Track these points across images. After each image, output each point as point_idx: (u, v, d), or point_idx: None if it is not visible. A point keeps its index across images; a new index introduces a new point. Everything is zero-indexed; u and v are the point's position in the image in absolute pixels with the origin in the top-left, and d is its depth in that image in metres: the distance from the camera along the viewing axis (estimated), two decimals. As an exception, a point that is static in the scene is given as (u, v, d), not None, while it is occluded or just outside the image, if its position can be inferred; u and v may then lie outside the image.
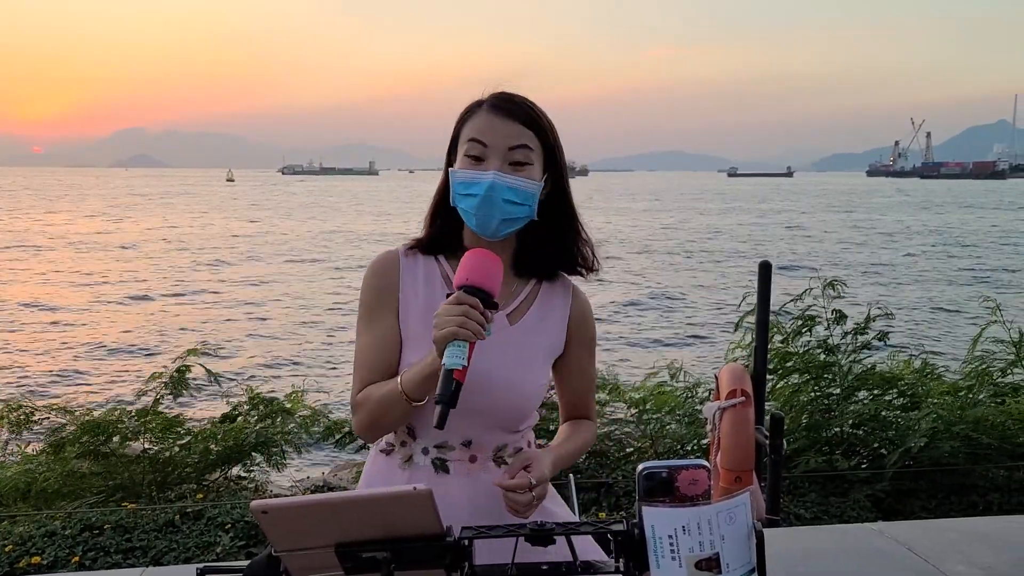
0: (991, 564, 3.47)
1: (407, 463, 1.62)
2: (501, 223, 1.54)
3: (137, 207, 65.52)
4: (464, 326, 1.36)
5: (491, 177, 1.51)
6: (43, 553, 3.77)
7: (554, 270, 1.69)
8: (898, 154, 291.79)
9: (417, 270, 1.64)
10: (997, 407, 4.92)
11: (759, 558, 1.03)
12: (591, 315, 1.73)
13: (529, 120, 1.56)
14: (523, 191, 1.54)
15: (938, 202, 78.67)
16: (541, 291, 1.68)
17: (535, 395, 1.63)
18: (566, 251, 1.67)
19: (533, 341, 1.64)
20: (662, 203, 73.86)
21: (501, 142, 1.53)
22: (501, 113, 1.55)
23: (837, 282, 5.12)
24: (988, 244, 35.93)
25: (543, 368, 1.66)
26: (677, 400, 5.01)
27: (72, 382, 12.43)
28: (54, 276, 24.62)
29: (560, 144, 1.62)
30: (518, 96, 1.59)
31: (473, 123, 1.57)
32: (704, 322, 17.63)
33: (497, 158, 1.53)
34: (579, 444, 1.71)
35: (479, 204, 1.52)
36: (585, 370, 1.73)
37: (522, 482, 1.45)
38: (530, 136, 1.56)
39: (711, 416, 2.28)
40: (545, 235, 1.64)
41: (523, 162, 1.54)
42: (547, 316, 1.67)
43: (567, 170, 1.65)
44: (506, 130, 1.54)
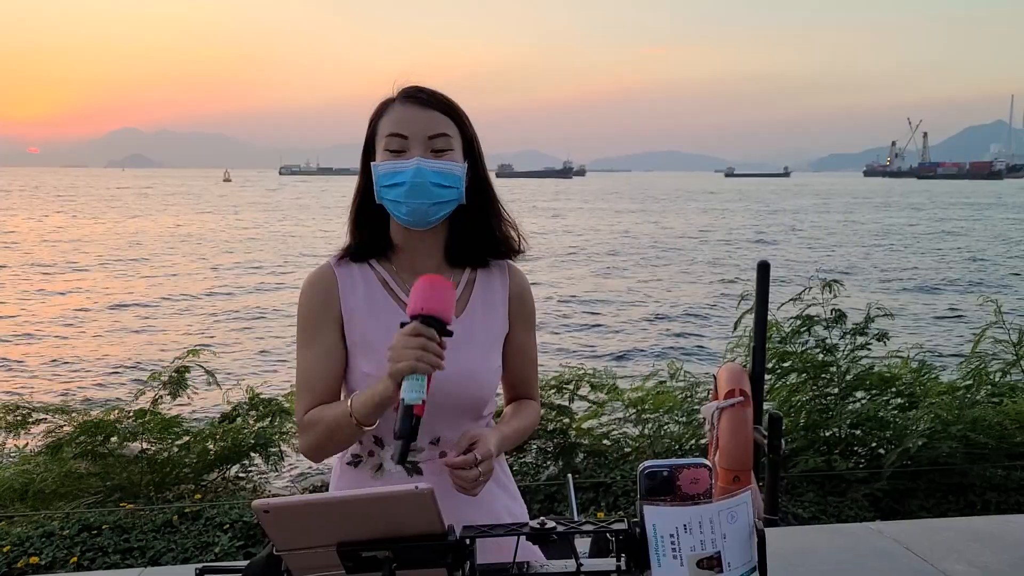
0: (989, 563, 3.48)
1: (378, 472, 1.62)
2: (431, 207, 1.54)
3: (140, 207, 65.40)
4: (422, 359, 1.35)
5: (415, 163, 1.52)
6: (41, 553, 3.76)
7: (485, 257, 1.69)
8: (895, 154, 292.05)
9: (354, 278, 1.63)
10: (995, 407, 4.93)
11: (760, 557, 1.03)
12: (529, 291, 1.73)
13: (445, 108, 1.57)
14: (449, 174, 1.54)
15: (940, 202, 78.73)
16: (478, 278, 1.68)
17: (491, 381, 1.65)
18: (493, 236, 1.67)
19: (482, 328, 1.65)
20: (661, 203, 74.02)
21: (421, 131, 1.54)
22: (417, 104, 1.56)
23: (835, 283, 5.13)
24: (987, 244, 35.96)
25: (493, 353, 1.67)
26: (676, 400, 5.02)
27: (71, 382, 12.40)
28: (54, 275, 24.58)
29: (475, 133, 1.63)
30: (429, 88, 1.60)
31: (389, 118, 1.57)
32: (703, 322, 17.63)
33: (418, 148, 1.53)
34: (523, 423, 1.71)
35: (407, 191, 1.52)
36: (526, 348, 1.73)
37: (468, 459, 1.47)
38: (448, 123, 1.57)
39: (710, 416, 2.28)
40: (471, 223, 1.65)
41: (444, 149, 1.55)
42: (489, 300, 1.68)
43: (483, 158, 1.65)
44: (424, 119, 1.55)
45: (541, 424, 4.80)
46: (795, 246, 34.49)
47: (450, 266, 1.67)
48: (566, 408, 4.96)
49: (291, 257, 29.73)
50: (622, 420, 5.12)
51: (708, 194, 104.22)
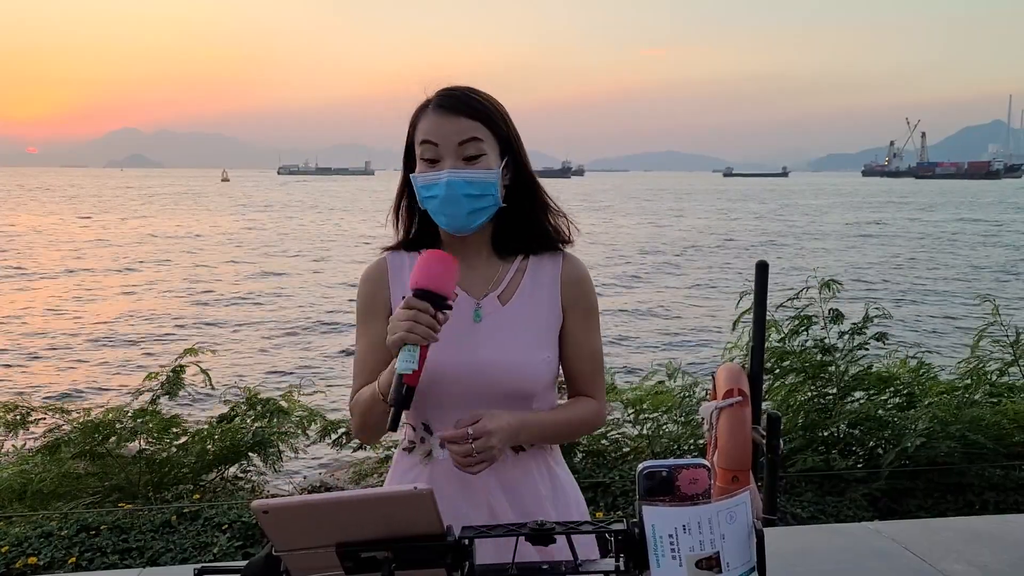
0: (987, 563, 3.48)
1: (427, 458, 1.65)
2: (468, 216, 1.56)
3: (142, 207, 65.36)
4: (412, 330, 1.40)
5: (446, 176, 1.54)
6: (39, 554, 3.76)
7: (536, 246, 1.69)
8: (893, 154, 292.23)
9: (404, 270, 1.66)
10: (993, 407, 4.94)
11: (759, 557, 1.03)
12: (587, 280, 1.70)
13: (474, 112, 1.58)
14: (481, 183, 1.55)
15: (940, 202, 78.75)
16: (529, 265, 1.69)
17: (541, 372, 1.61)
18: (540, 227, 1.68)
19: (529, 317, 1.64)
20: (660, 204, 74.05)
21: (450, 139, 1.55)
22: (446, 111, 1.57)
23: (834, 282, 5.14)
24: (984, 244, 35.98)
25: (544, 342, 1.64)
26: (674, 400, 5.02)
27: (70, 382, 12.39)
28: (53, 276, 24.56)
29: (513, 127, 1.63)
30: (461, 89, 1.60)
31: (422, 125, 1.59)
32: (702, 321, 17.64)
33: (450, 156, 1.55)
34: (566, 416, 1.66)
35: (441, 204, 1.55)
36: (582, 341, 1.68)
37: (459, 432, 1.47)
38: (478, 127, 1.57)
39: (708, 416, 2.28)
40: (517, 217, 1.66)
41: (475, 155, 1.56)
42: (539, 287, 1.67)
43: (524, 150, 1.66)
44: (453, 127, 1.56)
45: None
46: (793, 244, 34.52)
47: (499, 257, 1.68)
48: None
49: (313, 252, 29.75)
50: (620, 420, 5.12)
51: (706, 194, 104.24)
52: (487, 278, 1.66)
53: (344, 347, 14.29)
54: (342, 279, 23.52)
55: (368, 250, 31.37)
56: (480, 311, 1.63)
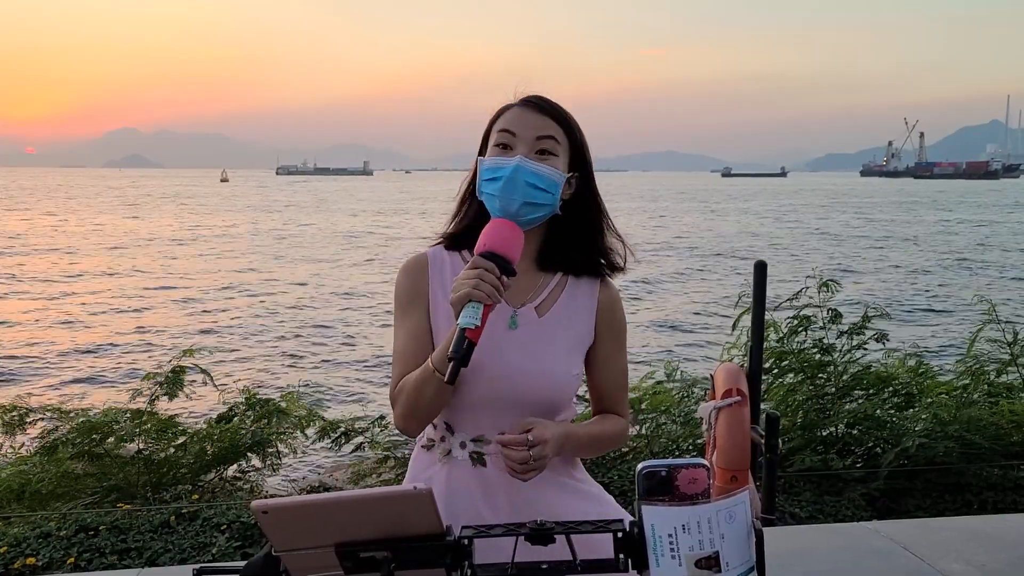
0: (986, 562, 3.48)
1: (446, 457, 1.65)
2: (523, 206, 1.57)
3: (143, 207, 65.33)
4: (478, 287, 1.42)
5: (516, 160, 1.56)
6: (38, 554, 3.76)
7: (579, 267, 1.71)
8: (891, 154, 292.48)
9: (444, 267, 1.69)
10: (991, 407, 4.94)
11: (759, 556, 1.03)
12: (620, 307, 1.75)
13: (558, 116, 1.62)
14: (547, 177, 1.58)
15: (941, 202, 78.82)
16: (568, 283, 1.71)
17: (568, 386, 1.65)
18: (593, 248, 1.71)
19: (562, 332, 1.66)
20: (659, 204, 74.08)
21: (529, 132, 1.59)
22: (531, 107, 1.62)
23: (832, 281, 5.14)
24: (983, 243, 36.00)
25: (574, 358, 1.68)
26: (673, 400, 5.02)
27: (68, 382, 12.38)
28: (54, 275, 24.54)
29: (587, 145, 1.67)
30: (548, 98, 1.65)
31: (504, 118, 1.63)
32: (701, 322, 17.64)
33: (524, 146, 1.59)
34: (600, 430, 1.71)
35: (503, 185, 1.56)
36: (614, 363, 1.73)
37: (519, 437, 1.49)
38: (557, 129, 1.61)
39: (707, 416, 2.28)
40: (571, 231, 1.68)
41: (549, 151, 1.60)
42: (575, 307, 1.69)
43: (593, 170, 1.69)
44: (534, 121, 1.60)
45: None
46: (792, 245, 34.54)
47: (541, 268, 1.70)
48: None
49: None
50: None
51: (704, 193, 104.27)
52: (526, 288, 1.67)
53: (347, 345, 14.29)
54: (343, 279, 23.53)
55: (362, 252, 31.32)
56: (516, 319, 1.64)
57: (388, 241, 36.30)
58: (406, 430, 1.66)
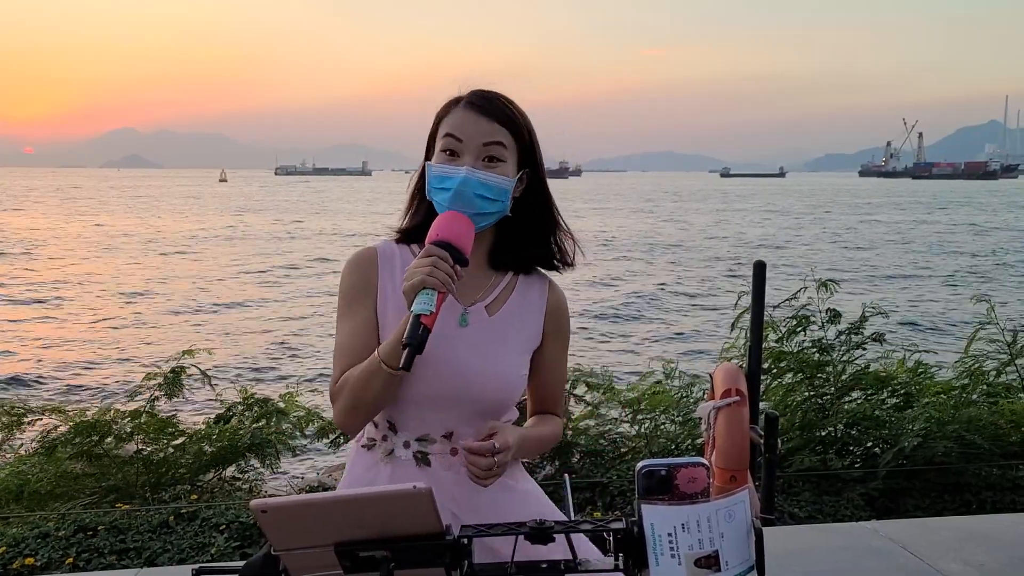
0: (984, 562, 3.49)
1: (388, 457, 1.63)
2: (473, 217, 1.55)
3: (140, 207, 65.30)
4: (432, 275, 1.41)
5: (464, 172, 1.54)
6: (37, 554, 3.75)
7: (530, 264, 1.71)
8: (890, 155, 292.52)
9: (393, 260, 1.67)
10: (990, 407, 4.94)
11: (758, 555, 1.03)
12: (567, 310, 1.75)
13: (504, 118, 1.59)
14: (495, 187, 1.56)
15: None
16: (519, 283, 1.70)
17: (517, 387, 1.65)
18: (543, 245, 1.69)
19: (512, 332, 1.66)
20: (654, 204, 74.13)
21: (476, 138, 1.56)
22: (477, 110, 1.58)
23: (831, 282, 5.14)
24: (979, 243, 36.02)
25: (523, 359, 1.68)
26: (672, 400, 5.02)
27: (66, 382, 12.38)
28: (52, 277, 24.52)
29: (536, 141, 1.64)
30: (495, 94, 1.62)
31: (450, 119, 1.60)
32: (699, 321, 17.65)
33: (471, 154, 1.56)
34: (545, 432, 1.73)
35: (452, 198, 1.54)
36: (557, 365, 1.74)
37: (485, 445, 1.49)
38: (505, 134, 1.58)
39: (706, 415, 2.28)
40: (523, 229, 1.67)
41: (497, 158, 1.57)
42: (525, 307, 1.69)
43: (543, 166, 1.67)
44: (481, 127, 1.57)
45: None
46: (791, 244, 34.55)
47: (492, 268, 1.68)
48: (562, 408, 4.98)
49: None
50: (618, 420, 5.12)
51: (701, 193, 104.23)
52: (477, 286, 1.65)
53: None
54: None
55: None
56: (467, 317, 1.63)
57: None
58: (346, 426, 1.62)
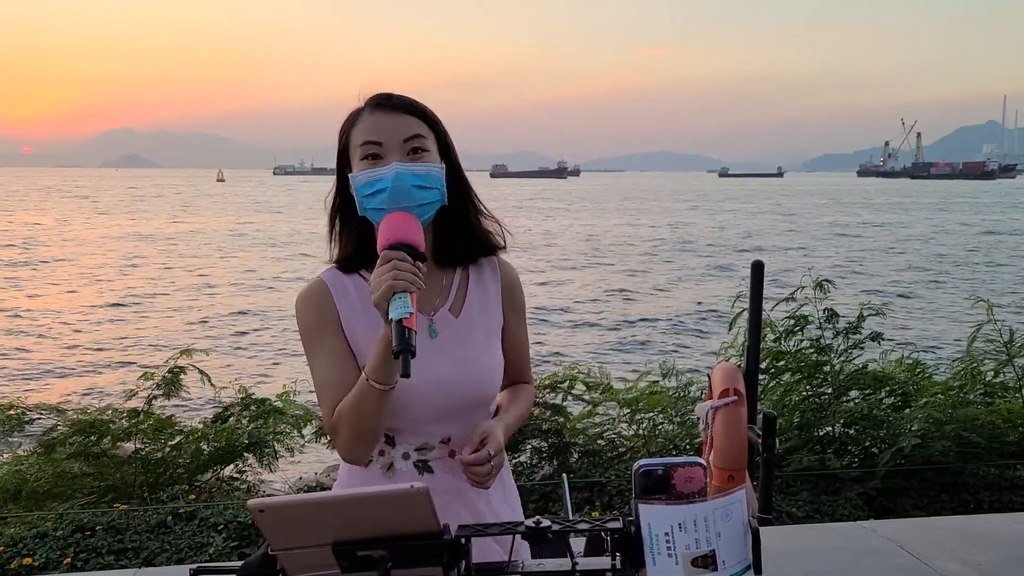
0: (982, 562, 3.49)
1: (388, 471, 1.61)
2: (415, 210, 1.51)
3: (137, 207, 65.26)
4: (397, 278, 1.37)
5: (394, 167, 1.51)
6: (34, 555, 3.75)
7: (473, 254, 1.70)
8: (888, 154, 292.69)
9: (347, 289, 1.63)
10: (987, 407, 4.95)
11: (755, 555, 1.04)
12: (519, 282, 1.76)
13: (416, 111, 1.57)
14: (428, 175, 1.53)
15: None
16: (471, 275, 1.69)
17: (498, 373, 1.67)
18: (476, 233, 1.68)
19: (479, 324, 1.66)
20: (650, 203, 74.17)
21: (395, 136, 1.54)
22: (387, 110, 1.56)
23: (827, 282, 5.14)
24: (976, 242, 36.05)
25: (495, 345, 1.69)
26: (669, 400, 5.03)
27: (64, 382, 12.37)
28: (53, 277, 24.50)
29: (447, 132, 1.63)
30: (396, 93, 1.60)
31: (361, 127, 1.57)
32: (698, 322, 17.65)
33: (395, 153, 1.53)
34: (522, 409, 1.75)
35: (389, 196, 1.50)
36: (520, 336, 1.76)
37: (481, 455, 1.51)
38: (421, 125, 1.56)
39: (704, 415, 2.29)
40: (454, 222, 1.65)
41: (421, 149, 1.55)
42: (484, 295, 1.69)
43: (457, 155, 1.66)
44: (396, 124, 1.55)
45: (536, 423, 4.81)
46: (790, 244, 34.56)
47: (440, 267, 1.67)
48: (560, 408, 4.98)
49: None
50: (616, 420, 5.13)
51: (696, 193, 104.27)
52: (434, 290, 1.63)
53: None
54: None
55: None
56: (434, 326, 1.61)
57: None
58: (354, 458, 1.60)
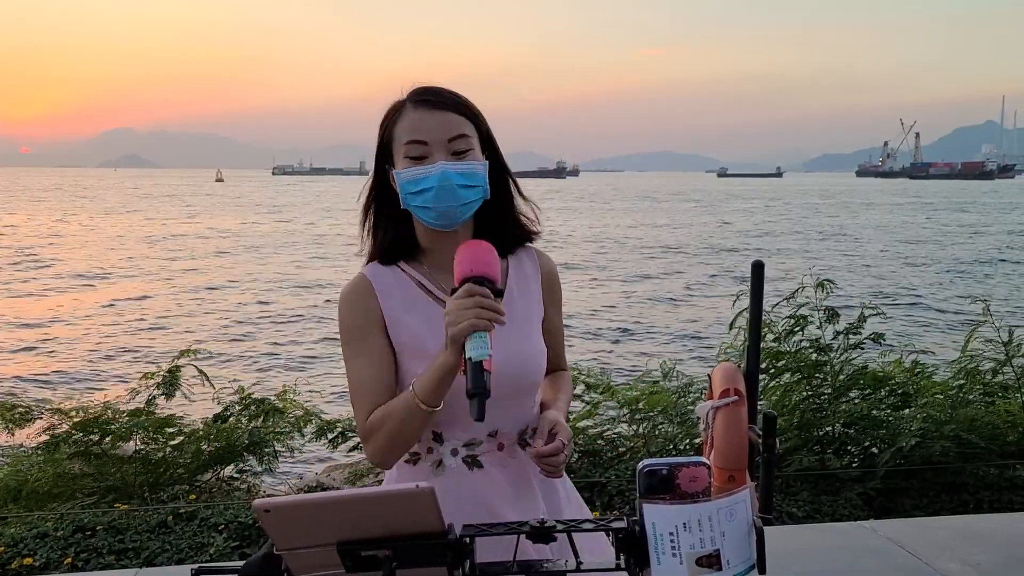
0: (982, 561, 3.49)
1: (438, 468, 1.60)
2: (460, 208, 1.55)
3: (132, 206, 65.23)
4: (480, 316, 1.36)
5: (440, 168, 1.52)
6: (35, 555, 3.75)
7: (512, 244, 1.71)
8: (887, 155, 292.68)
9: (388, 283, 1.64)
10: (987, 407, 4.95)
11: (759, 554, 1.04)
12: (556, 272, 1.78)
13: (457, 107, 1.58)
14: (473, 174, 1.55)
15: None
16: (511, 265, 1.70)
17: (540, 363, 1.67)
18: (515, 220, 1.70)
19: (521, 314, 1.66)
20: (648, 203, 74.17)
21: (440, 135, 1.54)
22: (431, 107, 1.56)
23: (828, 282, 5.15)
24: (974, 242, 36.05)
25: (536, 335, 1.69)
26: (670, 400, 5.03)
27: (65, 382, 12.36)
28: (51, 276, 24.48)
29: (488, 124, 1.63)
30: (438, 87, 1.60)
31: (404, 124, 1.57)
32: (696, 322, 17.65)
33: (440, 152, 1.54)
34: (568, 396, 1.77)
35: (435, 196, 1.52)
36: (558, 325, 1.78)
37: (557, 446, 1.52)
38: (464, 122, 1.57)
39: (704, 415, 2.28)
40: (495, 212, 1.66)
41: (465, 149, 1.55)
42: (524, 285, 1.70)
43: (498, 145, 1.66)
44: (440, 121, 1.55)
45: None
46: (789, 244, 34.57)
47: None
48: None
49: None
50: (616, 420, 5.13)
51: (692, 194, 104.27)
52: None
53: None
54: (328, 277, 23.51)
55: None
56: None
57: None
58: (384, 464, 1.60)
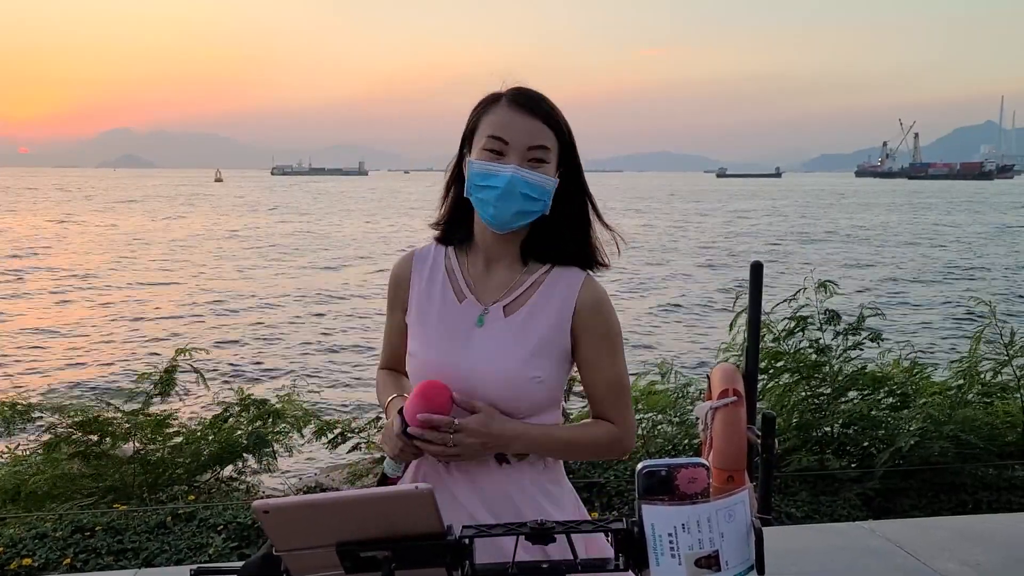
0: (981, 562, 3.50)
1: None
2: (515, 215, 1.56)
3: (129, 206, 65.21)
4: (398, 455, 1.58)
5: (511, 171, 1.53)
6: (34, 555, 3.75)
7: (559, 261, 1.65)
8: (886, 155, 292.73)
9: (427, 265, 1.70)
10: (985, 407, 4.95)
11: (758, 555, 1.04)
12: (604, 304, 1.64)
13: (548, 118, 1.58)
14: (540, 187, 1.56)
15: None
16: (546, 280, 1.64)
17: (527, 391, 1.57)
18: (576, 243, 1.66)
19: (527, 332, 1.60)
20: (647, 203, 74.17)
21: (522, 140, 1.55)
22: (521, 110, 1.57)
23: (829, 283, 5.15)
24: (972, 242, 36.07)
25: (539, 361, 1.58)
26: (668, 400, 5.03)
27: (65, 382, 12.35)
28: (51, 274, 24.48)
29: (574, 141, 1.63)
30: (536, 92, 1.60)
31: (493, 117, 1.58)
32: (696, 321, 17.66)
33: (517, 156, 1.55)
34: (577, 435, 1.64)
35: (498, 197, 1.54)
36: (601, 368, 1.63)
37: (442, 419, 1.51)
38: (548, 134, 1.57)
39: (703, 416, 2.28)
40: (556, 228, 1.64)
41: (541, 160, 1.56)
42: (545, 307, 1.61)
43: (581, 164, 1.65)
44: (527, 127, 1.56)
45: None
46: (789, 244, 34.59)
47: (523, 264, 1.66)
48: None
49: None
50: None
51: (691, 194, 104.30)
52: (500, 285, 1.64)
53: (337, 344, 14.28)
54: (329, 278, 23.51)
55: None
56: (484, 317, 1.62)
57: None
58: None
